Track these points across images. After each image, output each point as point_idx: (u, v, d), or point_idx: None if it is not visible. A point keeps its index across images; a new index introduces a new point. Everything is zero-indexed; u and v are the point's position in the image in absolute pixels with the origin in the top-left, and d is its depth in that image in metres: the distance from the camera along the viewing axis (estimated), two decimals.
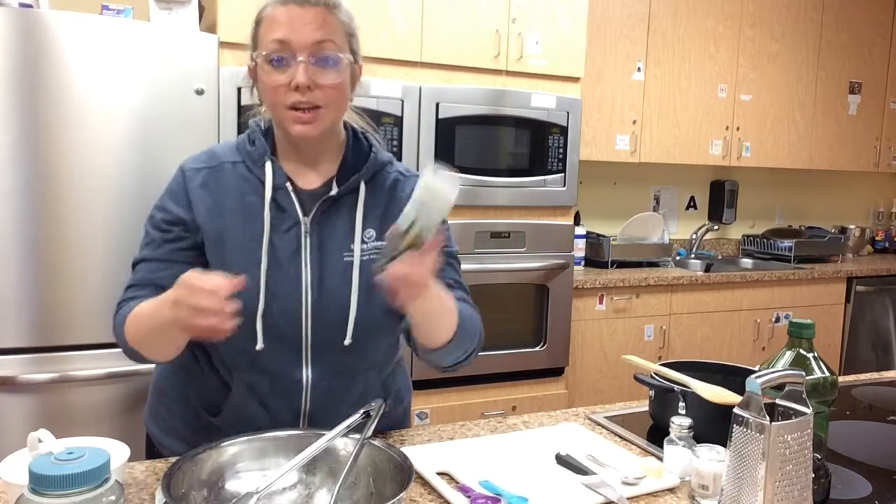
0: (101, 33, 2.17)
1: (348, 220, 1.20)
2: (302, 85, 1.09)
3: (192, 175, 1.20)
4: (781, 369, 1.03)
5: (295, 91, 1.10)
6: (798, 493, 0.90)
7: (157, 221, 1.20)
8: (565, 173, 3.02)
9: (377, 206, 1.23)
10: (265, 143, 1.20)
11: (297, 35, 1.09)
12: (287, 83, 1.10)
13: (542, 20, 2.93)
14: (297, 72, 1.09)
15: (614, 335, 3.36)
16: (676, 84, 3.71)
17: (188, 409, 1.26)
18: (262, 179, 1.18)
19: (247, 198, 1.18)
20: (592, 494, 1.08)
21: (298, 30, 1.10)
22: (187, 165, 1.23)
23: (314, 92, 1.11)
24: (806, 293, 3.85)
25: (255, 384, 1.20)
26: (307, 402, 1.21)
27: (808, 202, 4.75)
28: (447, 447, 1.24)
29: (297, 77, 1.09)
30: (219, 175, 1.20)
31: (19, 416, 2.16)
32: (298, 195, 1.19)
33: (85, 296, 2.21)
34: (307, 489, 1.01)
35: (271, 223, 1.17)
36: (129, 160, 2.24)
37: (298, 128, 1.13)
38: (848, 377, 1.78)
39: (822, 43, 4.13)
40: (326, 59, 1.11)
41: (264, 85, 1.13)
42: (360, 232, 1.20)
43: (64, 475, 0.68)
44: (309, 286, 1.18)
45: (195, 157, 1.24)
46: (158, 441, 1.30)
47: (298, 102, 1.11)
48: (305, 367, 1.20)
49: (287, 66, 1.10)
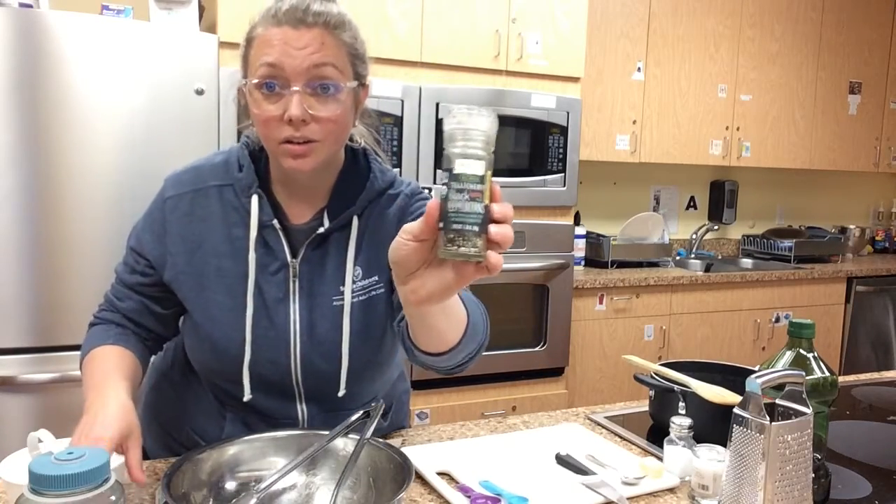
0: (101, 33, 2.17)
1: (339, 260, 1.10)
2: (296, 119, 0.96)
3: (175, 204, 1.10)
4: (781, 369, 1.03)
5: (288, 124, 0.97)
6: (798, 493, 0.90)
7: (132, 243, 1.15)
8: (565, 173, 3.02)
9: (374, 234, 1.12)
10: (253, 171, 1.09)
11: (292, 60, 0.96)
12: (280, 115, 0.97)
13: (542, 20, 2.93)
14: (290, 103, 0.96)
15: (614, 335, 3.36)
16: (676, 84, 3.71)
17: (181, 433, 1.23)
18: (249, 211, 1.08)
19: (233, 230, 1.08)
20: (592, 494, 1.07)
21: (293, 54, 0.96)
22: (169, 191, 1.12)
23: (309, 125, 0.98)
24: (806, 293, 3.85)
25: (250, 420, 1.17)
26: None
27: (808, 202, 4.75)
28: (447, 447, 1.24)
29: (291, 110, 0.96)
30: (204, 201, 1.10)
31: (19, 416, 2.16)
32: (287, 233, 1.09)
33: (85, 296, 2.21)
34: (307, 489, 1.01)
35: (258, 263, 1.07)
36: (129, 160, 2.24)
37: (291, 162, 1.00)
38: (848, 377, 1.78)
39: (822, 43, 4.13)
40: (325, 87, 0.98)
41: (255, 115, 1.00)
42: (351, 272, 1.09)
43: (64, 475, 0.68)
44: (298, 335, 1.10)
45: (179, 176, 1.13)
46: (152, 453, 1.27)
47: (292, 136, 0.98)
48: (300, 404, 1.15)
49: (280, 95, 0.97)
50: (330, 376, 1.11)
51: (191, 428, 1.22)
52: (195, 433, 1.21)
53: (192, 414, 1.22)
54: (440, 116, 2.76)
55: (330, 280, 1.10)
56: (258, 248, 1.08)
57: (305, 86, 0.97)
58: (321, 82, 0.98)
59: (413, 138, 2.73)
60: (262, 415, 1.16)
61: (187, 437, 1.23)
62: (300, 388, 1.14)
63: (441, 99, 2.75)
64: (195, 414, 1.21)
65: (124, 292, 1.15)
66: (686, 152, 3.78)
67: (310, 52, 0.97)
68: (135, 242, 1.15)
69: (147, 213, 1.15)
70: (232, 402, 1.16)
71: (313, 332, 1.10)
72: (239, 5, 2.41)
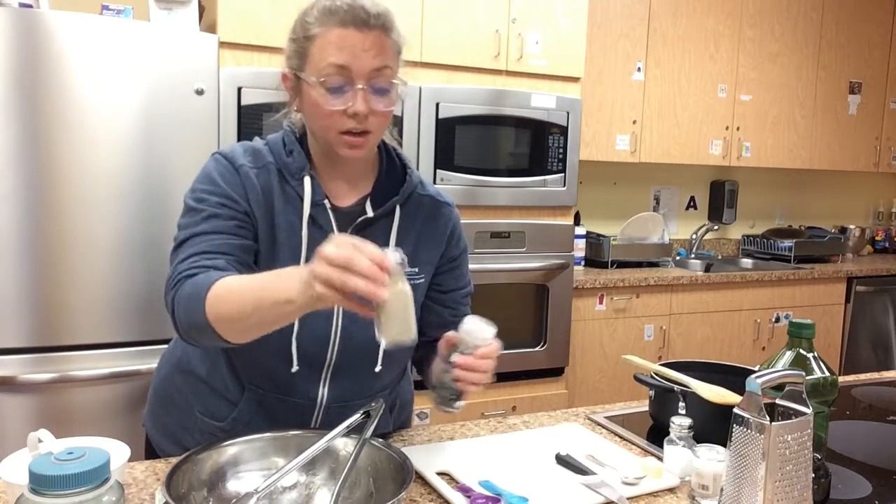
0: (101, 33, 2.17)
1: (382, 243, 1.16)
2: (361, 114, 1.07)
3: (247, 173, 1.13)
4: (781, 369, 1.03)
5: (351, 118, 1.07)
6: (798, 493, 0.90)
7: (211, 202, 1.11)
8: (565, 173, 3.02)
9: (410, 230, 1.21)
10: (304, 155, 1.16)
11: (358, 62, 1.06)
12: (343, 110, 1.07)
13: (542, 20, 2.93)
14: (355, 100, 1.06)
15: (614, 335, 3.36)
16: (676, 84, 3.71)
17: (189, 418, 1.25)
18: (298, 193, 1.14)
19: (287, 208, 1.14)
20: (592, 494, 1.08)
21: (359, 56, 1.06)
22: (240, 160, 1.14)
23: (368, 119, 1.08)
24: (806, 293, 3.85)
25: (267, 401, 1.19)
26: (317, 420, 1.21)
27: (808, 202, 4.75)
28: (447, 447, 1.24)
29: (357, 106, 1.06)
30: (267, 178, 1.14)
31: (19, 416, 2.16)
32: (335, 213, 1.16)
33: (85, 296, 2.21)
34: (307, 489, 1.01)
35: (309, 239, 1.13)
36: (129, 160, 2.24)
37: (348, 151, 1.10)
38: (848, 377, 1.78)
39: (822, 43, 4.13)
40: (384, 88, 1.09)
41: (317, 108, 1.08)
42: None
43: (64, 475, 0.68)
44: (341, 309, 1.15)
45: (237, 152, 1.16)
46: (157, 445, 1.30)
47: (354, 128, 1.08)
48: (322, 387, 1.19)
49: (343, 91, 1.07)
50: (366, 351, 1.18)
51: (200, 411, 1.23)
52: (205, 415, 1.22)
53: (203, 396, 1.23)
54: (440, 116, 2.76)
55: None
56: (309, 226, 1.14)
57: (367, 84, 1.07)
58: (381, 83, 1.09)
59: (413, 138, 2.73)
60: (282, 395, 1.18)
61: (196, 424, 1.23)
62: (331, 364, 1.18)
63: (441, 99, 2.75)
64: (205, 399, 1.23)
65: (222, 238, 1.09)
66: (686, 152, 3.78)
67: (373, 55, 1.07)
68: (220, 199, 1.10)
69: (216, 179, 1.12)
70: (258, 378, 1.18)
71: None
72: (239, 5, 2.41)
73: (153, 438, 1.31)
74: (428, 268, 1.25)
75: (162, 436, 1.29)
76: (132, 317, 2.28)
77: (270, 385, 1.18)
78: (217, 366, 1.21)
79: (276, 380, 1.17)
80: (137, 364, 2.28)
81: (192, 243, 1.08)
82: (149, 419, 1.33)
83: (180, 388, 1.27)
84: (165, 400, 1.30)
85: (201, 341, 1.05)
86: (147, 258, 2.28)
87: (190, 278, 1.03)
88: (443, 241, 1.26)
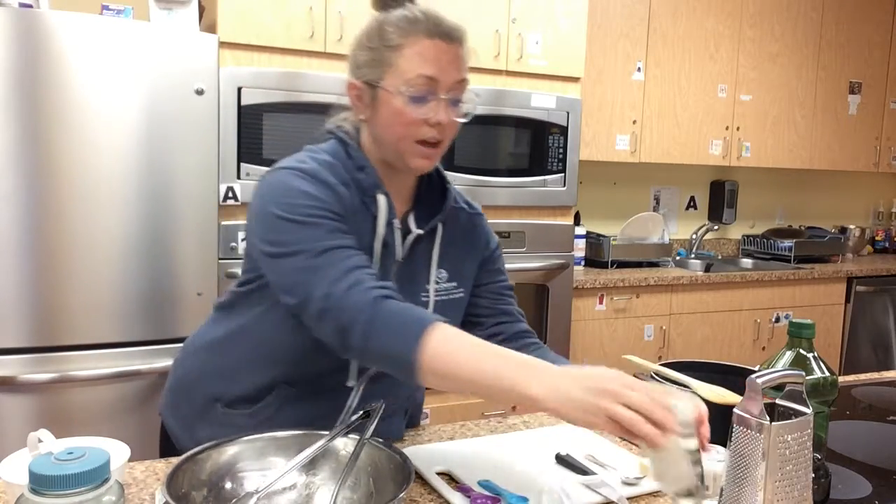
0: (101, 33, 2.17)
1: (425, 259, 1.19)
2: (444, 123, 1.08)
3: (336, 189, 1.09)
4: (781, 369, 1.03)
5: (431, 128, 1.08)
6: (798, 493, 0.89)
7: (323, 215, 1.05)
8: (565, 173, 3.01)
9: (450, 245, 1.22)
10: (375, 172, 1.14)
11: (445, 74, 1.08)
12: (424, 119, 1.08)
13: (542, 20, 2.93)
14: (438, 110, 1.08)
15: (614, 335, 3.36)
16: (676, 84, 3.71)
17: (210, 409, 1.22)
18: (370, 210, 1.12)
19: (359, 225, 1.12)
20: (592, 494, 1.08)
21: (445, 68, 1.08)
22: (331, 179, 1.09)
23: (445, 128, 1.10)
24: (806, 293, 3.85)
25: (292, 400, 1.17)
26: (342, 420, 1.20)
27: (808, 202, 4.75)
28: (447, 447, 1.24)
29: (440, 116, 1.08)
30: (349, 196, 1.11)
31: (19, 416, 2.16)
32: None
33: (85, 296, 2.21)
34: (307, 489, 1.01)
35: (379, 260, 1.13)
36: (129, 160, 2.24)
37: (421, 162, 1.11)
38: (848, 377, 1.78)
39: (822, 43, 4.13)
40: (461, 99, 1.11)
41: (399, 116, 1.08)
42: (435, 273, 1.19)
43: (64, 475, 0.68)
44: None
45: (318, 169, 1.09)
46: (174, 434, 1.26)
47: (431, 138, 1.09)
48: (355, 396, 1.16)
49: (426, 101, 1.08)
50: None
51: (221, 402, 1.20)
52: (226, 406, 1.20)
53: (224, 390, 1.20)
54: None
55: (418, 277, 1.19)
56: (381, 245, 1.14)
57: (449, 95, 1.10)
58: (460, 95, 1.12)
59: None
60: (312, 400, 1.17)
61: (216, 417, 1.21)
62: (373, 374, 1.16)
63: None
64: (227, 390, 1.20)
65: (370, 270, 1.05)
66: (686, 152, 3.78)
67: (457, 67, 1.10)
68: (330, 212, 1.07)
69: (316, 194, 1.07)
70: (295, 381, 1.17)
71: None
72: (239, 5, 2.41)
73: (170, 427, 1.28)
74: (467, 282, 1.26)
75: (180, 426, 1.26)
76: (132, 317, 2.28)
77: (306, 390, 1.17)
78: (253, 365, 1.19)
79: (314, 385, 1.16)
80: (137, 364, 2.28)
81: (338, 255, 1.03)
82: (168, 410, 1.29)
83: (205, 382, 1.24)
84: (188, 391, 1.26)
85: (374, 365, 1.02)
86: (147, 258, 2.28)
87: (386, 299, 0.99)
88: (479, 253, 1.28)
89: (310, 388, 1.18)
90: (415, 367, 0.95)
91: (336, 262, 1.02)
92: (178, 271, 2.33)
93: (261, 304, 1.16)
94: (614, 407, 0.84)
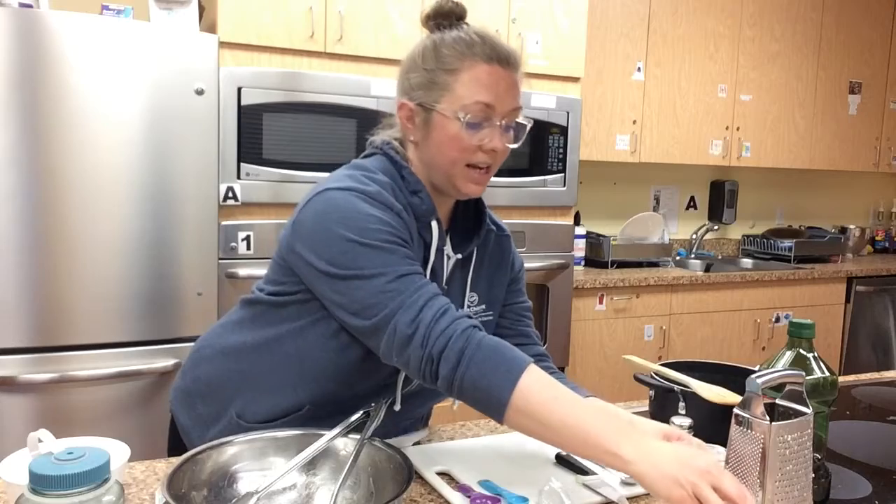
0: (101, 33, 2.17)
1: (461, 284, 1.20)
2: (498, 150, 1.08)
3: (401, 213, 1.08)
4: (781, 369, 1.03)
5: (485, 154, 1.08)
6: (798, 493, 0.90)
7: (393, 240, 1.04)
8: (565, 173, 3.02)
9: (482, 268, 1.23)
10: (429, 197, 1.12)
11: (501, 101, 1.07)
12: (478, 144, 1.07)
13: (542, 20, 2.93)
14: (493, 136, 1.07)
15: (614, 335, 3.36)
16: (676, 84, 3.71)
17: (227, 417, 1.18)
18: (422, 236, 1.12)
19: (416, 253, 1.10)
20: (592, 494, 1.07)
21: (502, 96, 1.07)
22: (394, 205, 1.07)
23: (497, 154, 1.09)
24: (806, 293, 3.85)
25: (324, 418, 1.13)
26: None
27: (808, 202, 4.75)
28: (447, 447, 1.24)
29: (495, 142, 1.07)
30: (408, 219, 1.10)
31: (19, 416, 2.16)
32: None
33: (85, 296, 2.21)
34: (307, 489, 1.01)
35: None
36: (130, 160, 2.24)
37: (472, 187, 1.10)
38: (848, 377, 1.78)
39: (822, 43, 4.13)
40: (517, 126, 1.11)
41: (454, 141, 1.07)
42: (467, 296, 1.20)
43: (64, 475, 0.68)
44: None
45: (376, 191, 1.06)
46: (186, 432, 1.23)
47: (483, 163, 1.09)
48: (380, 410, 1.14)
49: (481, 127, 1.07)
50: None
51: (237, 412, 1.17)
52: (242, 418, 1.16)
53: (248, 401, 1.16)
54: None
55: (453, 301, 1.13)
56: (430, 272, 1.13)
57: (504, 122, 1.09)
58: (515, 122, 1.11)
59: None
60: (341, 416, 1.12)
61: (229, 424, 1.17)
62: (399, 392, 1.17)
63: None
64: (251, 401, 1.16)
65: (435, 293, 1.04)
66: (686, 152, 3.78)
67: (513, 95, 1.09)
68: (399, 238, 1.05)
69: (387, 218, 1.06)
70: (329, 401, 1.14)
71: None
72: (239, 5, 2.41)
73: (183, 426, 1.24)
74: (496, 305, 1.27)
75: (193, 426, 1.23)
76: (132, 317, 2.28)
77: (333, 411, 1.13)
78: (281, 381, 1.15)
79: (344, 406, 1.12)
80: (138, 364, 2.28)
81: (417, 282, 1.02)
82: (180, 407, 1.25)
83: (231, 391, 1.19)
84: (203, 393, 1.22)
85: (460, 397, 0.99)
86: (147, 258, 2.28)
87: (475, 329, 0.99)
88: (507, 275, 1.29)
89: (338, 409, 1.13)
90: (506, 407, 0.94)
91: (417, 289, 1.01)
92: (178, 271, 2.34)
93: (299, 319, 1.12)
94: (706, 489, 0.83)
